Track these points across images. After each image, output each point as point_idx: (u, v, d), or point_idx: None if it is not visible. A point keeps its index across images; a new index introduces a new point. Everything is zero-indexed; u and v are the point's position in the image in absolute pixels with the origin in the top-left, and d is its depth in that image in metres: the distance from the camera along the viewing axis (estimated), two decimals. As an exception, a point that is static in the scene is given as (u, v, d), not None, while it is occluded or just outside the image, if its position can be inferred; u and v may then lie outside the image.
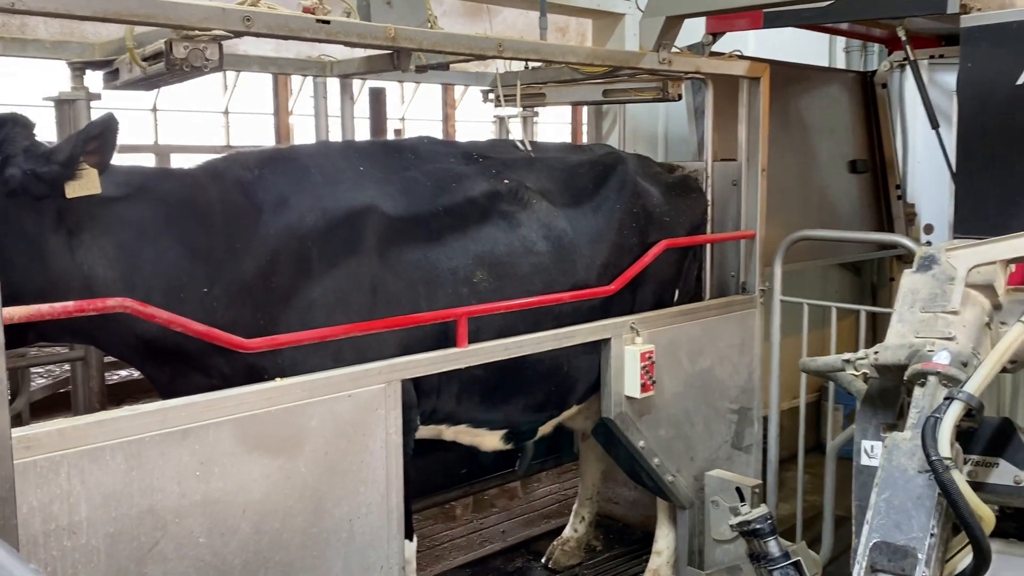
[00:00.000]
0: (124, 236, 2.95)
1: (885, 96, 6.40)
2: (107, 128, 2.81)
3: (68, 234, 2.84)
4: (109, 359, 4.60)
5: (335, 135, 4.76)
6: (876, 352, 2.45)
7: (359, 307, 3.29)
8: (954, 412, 2.09)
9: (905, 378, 2.38)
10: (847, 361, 2.77)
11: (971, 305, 2.49)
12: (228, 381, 2.99)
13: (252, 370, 3.03)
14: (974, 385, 2.15)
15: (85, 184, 2.80)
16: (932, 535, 2.02)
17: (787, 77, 5.79)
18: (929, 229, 6.45)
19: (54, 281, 2.80)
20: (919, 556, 1.99)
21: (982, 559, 2.00)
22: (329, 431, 2.99)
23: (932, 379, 2.26)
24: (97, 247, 2.89)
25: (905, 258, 6.21)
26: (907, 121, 6.43)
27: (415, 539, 3.68)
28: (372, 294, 3.35)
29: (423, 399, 3.55)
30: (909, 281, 2.45)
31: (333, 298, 3.25)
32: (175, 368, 3.12)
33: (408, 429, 3.41)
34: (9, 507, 1.42)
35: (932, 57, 5.97)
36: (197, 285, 3.04)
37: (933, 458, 1.99)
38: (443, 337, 3.43)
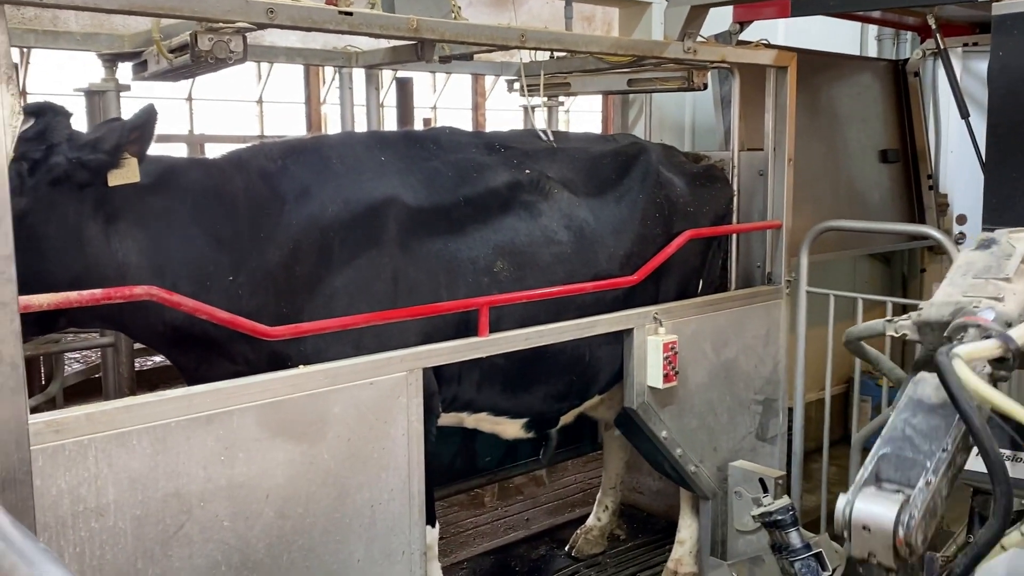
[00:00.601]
0: (156, 224, 3.02)
1: (917, 85, 6.32)
2: (148, 119, 2.89)
3: (105, 222, 2.91)
4: (139, 346, 4.69)
5: (361, 125, 4.79)
6: (919, 311, 2.32)
7: (380, 296, 3.33)
8: (985, 344, 1.96)
9: (945, 335, 2.30)
10: (889, 321, 2.69)
11: None
12: (253, 368, 3.05)
13: (276, 357, 3.08)
14: (1017, 332, 2.03)
15: (126, 173, 2.88)
16: (944, 451, 1.95)
17: (816, 65, 5.73)
18: (962, 220, 6.37)
19: (90, 268, 2.87)
20: (927, 465, 1.93)
21: (998, 479, 1.83)
22: (351, 418, 3.03)
23: (972, 331, 2.16)
24: (131, 235, 2.95)
25: (936, 249, 6.14)
26: (940, 110, 6.35)
27: (437, 525, 3.72)
28: (393, 283, 3.38)
29: (444, 387, 3.58)
30: (965, 256, 2.36)
31: (354, 287, 3.29)
32: (201, 355, 3.18)
33: (430, 416, 3.45)
34: (25, 489, 1.47)
35: (966, 45, 5.88)
36: (223, 273, 3.09)
37: (940, 349, 1.86)
38: (464, 326, 3.46)
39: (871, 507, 1.87)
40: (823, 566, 3.70)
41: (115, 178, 2.86)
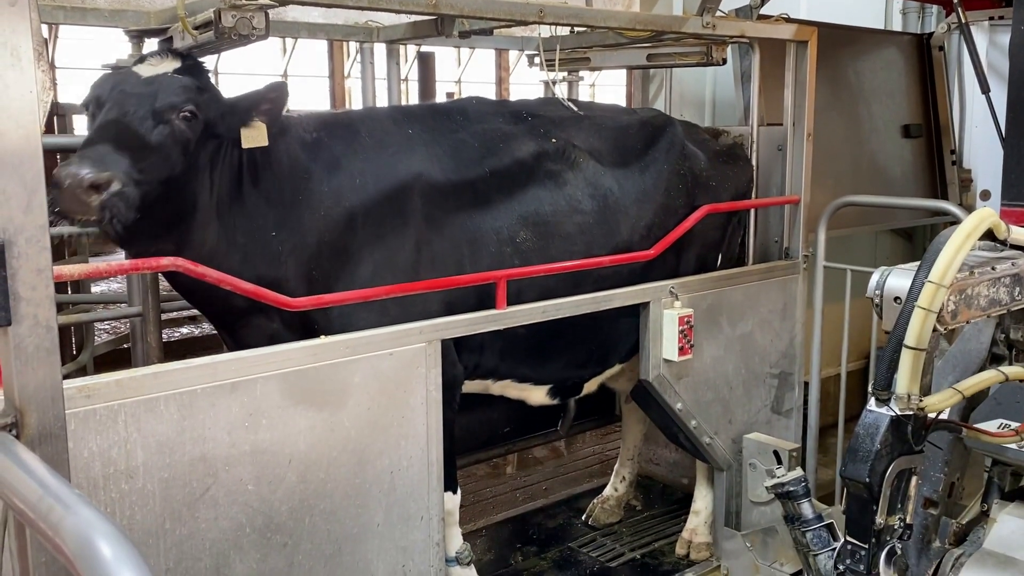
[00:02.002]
0: (234, 179, 3.21)
1: (942, 59, 6.26)
2: (279, 95, 3.20)
3: (210, 174, 3.13)
4: (167, 316, 4.80)
5: (382, 100, 4.84)
6: None
7: (404, 266, 3.42)
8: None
9: None
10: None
11: None
12: (287, 325, 3.23)
13: (307, 319, 3.21)
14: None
15: (256, 135, 3.15)
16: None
17: (840, 39, 5.70)
18: (986, 195, 6.32)
19: (197, 211, 3.10)
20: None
21: None
22: (371, 387, 3.11)
23: None
24: (219, 188, 3.16)
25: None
26: (965, 85, 6.29)
27: (459, 492, 3.82)
28: (416, 253, 3.47)
29: (468, 355, 3.67)
30: None
31: (381, 256, 3.39)
32: (241, 313, 3.28)
33: (454, 384, 3.57)
34: (60, 443, 1.57)
35: (992, 18, 5.82)
36: (268, 229, 3.24)
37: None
38: (486, 295, 3.52)
39: (903, 281, 1.97)
40: (835, 537, 3.75)
41: (248, 140, 3.13)
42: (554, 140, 3.96)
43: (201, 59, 3.24)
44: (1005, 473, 2.92)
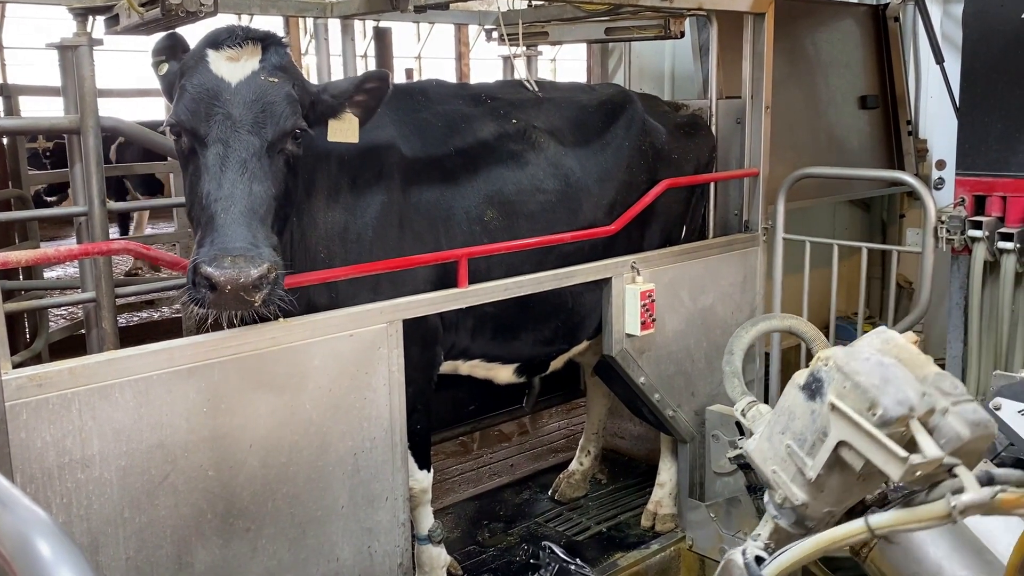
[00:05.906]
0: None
1: (897, 30, 6.31)
2: (380, 86, 3.00)
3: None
4: (124, 301, 4.71)
5: (338, 77, 4.75)
6: (754, 446, 2.39)
7: (393, 242, 3.42)
8: None
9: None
10: (740, 436, 2.83)
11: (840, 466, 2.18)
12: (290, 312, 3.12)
13: (310, 302, 3.18)
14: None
15: (346, 130, 2.96)
16: None
17: (797, 11, 5.72)
18: (941, 165, 6.40)
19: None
20: None
21: None
22: (332, 369, 3.09)
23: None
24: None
25: (915, 195, 6.19)
26: (920, 56, 6.34)
27: (431, 470, 3.82)
28: (400, 229, 3.47)
29: (445, 335, 3.66)
30: (792, 398, 2.18)
31: (372, 233, 3.38)
32: None
33: (432, 364, 3.59)
34: (1, 438, 1.52)
35: (946, -11, 5.86)
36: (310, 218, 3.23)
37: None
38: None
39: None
40: (796, 505, 3.79)
41: (334, 133, 2.95)
42: (515, 121, 3.95)
43: (279, 35, 2.92)
44: None
